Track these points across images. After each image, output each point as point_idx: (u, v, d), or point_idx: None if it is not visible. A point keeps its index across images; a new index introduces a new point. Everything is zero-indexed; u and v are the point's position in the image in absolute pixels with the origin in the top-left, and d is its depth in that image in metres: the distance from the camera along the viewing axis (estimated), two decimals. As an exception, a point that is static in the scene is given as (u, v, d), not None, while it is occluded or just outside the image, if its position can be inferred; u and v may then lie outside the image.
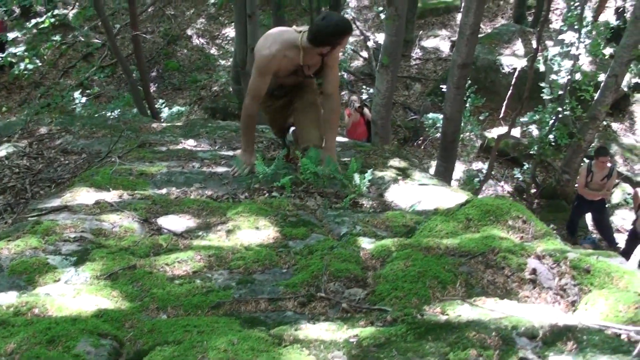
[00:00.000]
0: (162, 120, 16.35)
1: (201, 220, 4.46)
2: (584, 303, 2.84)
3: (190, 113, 19.97)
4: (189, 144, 7.29)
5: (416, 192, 5.67)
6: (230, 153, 6.74)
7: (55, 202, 4.83)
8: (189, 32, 24.57)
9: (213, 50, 23.83)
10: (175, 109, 18.03)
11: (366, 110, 14.45)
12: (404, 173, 6.44)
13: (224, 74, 22.02)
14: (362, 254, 3.59)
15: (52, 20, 12.80)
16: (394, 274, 3.20)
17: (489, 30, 21.84)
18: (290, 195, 5.29)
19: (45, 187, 5.87)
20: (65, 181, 5.90)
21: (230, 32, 23.69)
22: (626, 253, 13.13)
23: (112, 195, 4.92)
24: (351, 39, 23.28)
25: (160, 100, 19.00)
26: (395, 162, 6.88)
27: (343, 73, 21.15)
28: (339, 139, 7.80)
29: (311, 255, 3.68)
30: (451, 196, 5.53)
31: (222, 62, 23.04)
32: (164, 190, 5.37)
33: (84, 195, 4.92)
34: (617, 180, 15.20)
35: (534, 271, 3.25)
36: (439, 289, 3.06)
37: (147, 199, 4.88)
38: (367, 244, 3.90)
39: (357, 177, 5.49)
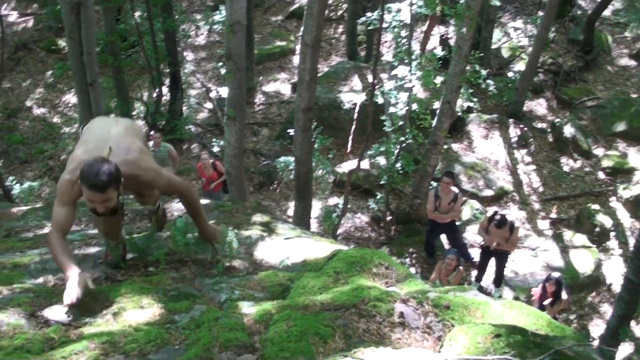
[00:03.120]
0: (14, 197, 16.07)
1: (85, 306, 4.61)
2: (449, 339, 3.24)
3: (43, 185, 19.66)
4: (55, 226, 7.34)
5: (283, 247, 6.01)
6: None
7: None
8: (28, 103, 24.14)
9: (56, 119, 23.49)
10: (26, 184, 17.72)
11: (218, 163, 14.70)
12: (268, 228, 6.77)
13: (70, 141, 21.74)
14: (246, 320, 3.87)
15: None
16: (279, 336, 3.51)
17: (326, 69, 22.52)
18: (165, 267, 5.50)
19: None
20: (-63, 283, 5.87)
21: (71, 98, 23.44)
22: (482, 265, 13.89)
23: (-9, 293, 4.99)
24: (193, 92, 23.55)
25: (10, 177, 18.58)
26: (258, 217, 7.21)
27: (191, 127, 21.34)
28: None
29: (199, 328, 3.93)
30: (316, 247, 5.89)
31: (67, 129, 22.74)
32: (40, 279, 5.47)
33: (-37, 297, 4.96)
34: (464, 199, 16.03)
35: (401, 314, 3.63)
36: (321, 344, 3.38)
37: (27, 292, 4.98)
38: (247, 308, 4.18)
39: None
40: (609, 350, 9.24)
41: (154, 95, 21.71)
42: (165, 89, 21.77)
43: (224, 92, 15.12)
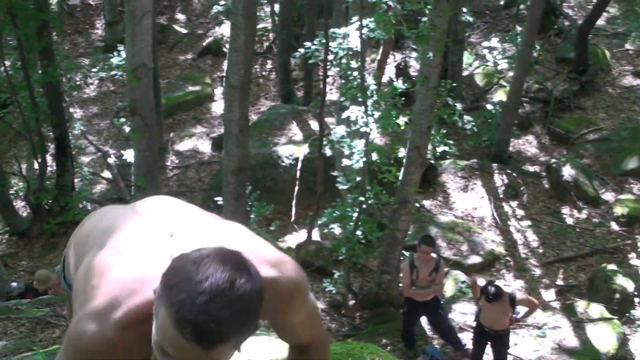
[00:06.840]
0: None
1: None
2: None
3: None
4: None
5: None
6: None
7: None
8: None
9: None
10: None
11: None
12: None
13: None
14: None
15: None
16: None
17: (255, 118, 22.39)
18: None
19: None
20: None
21: None
22: (477, 353, 13.78)
23: None
24: (86, 159, 23.27)
25: None
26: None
27: (86, 203, 20.98)
28: None
29: None
30: (277, 346, 5.82)
31: None
32: None
33: None
34: (446, 269, 15.97)
35: None
36: None
37: None
38: None
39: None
40: None
41: (36, 166, 21.27)
42: (49, 158, 21.39)
43: (128, 155, 14.92)
